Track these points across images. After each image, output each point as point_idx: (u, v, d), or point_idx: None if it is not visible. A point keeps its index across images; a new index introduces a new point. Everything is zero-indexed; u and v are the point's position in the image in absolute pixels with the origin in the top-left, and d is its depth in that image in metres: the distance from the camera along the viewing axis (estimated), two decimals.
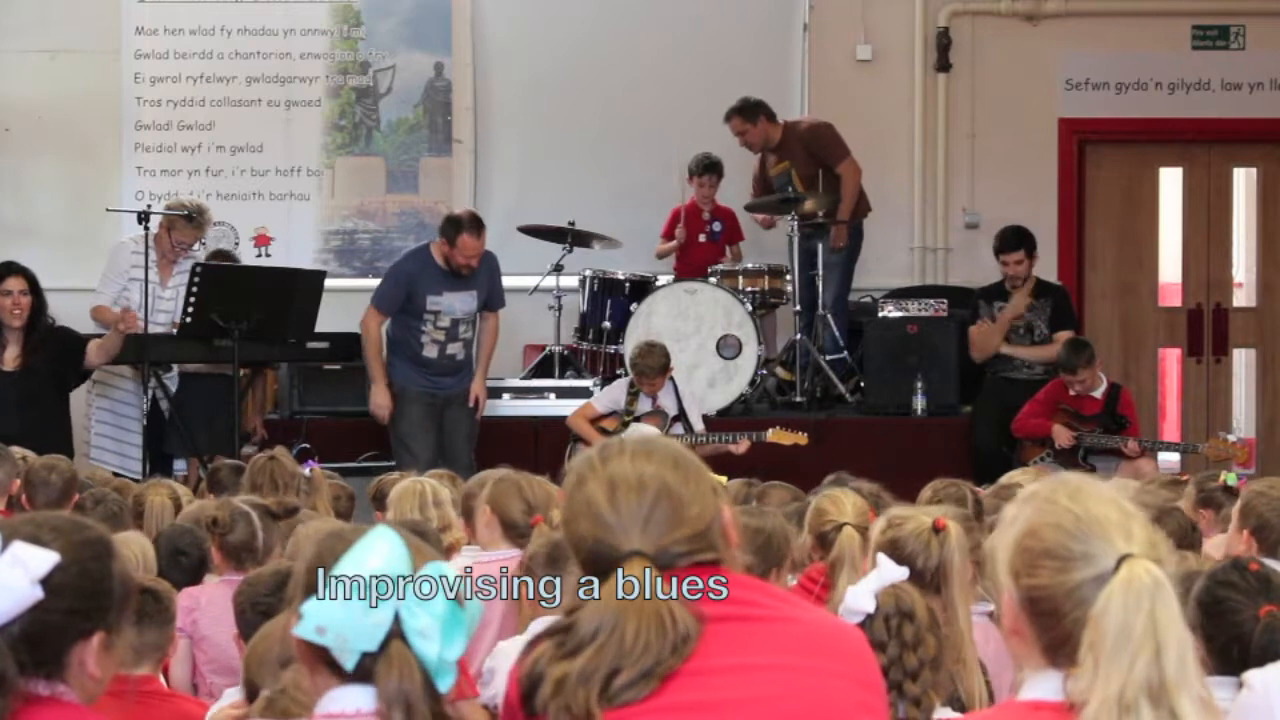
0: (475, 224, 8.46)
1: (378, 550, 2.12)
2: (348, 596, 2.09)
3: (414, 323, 8.56)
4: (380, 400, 8.56)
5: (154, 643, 3.55)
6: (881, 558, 2.86)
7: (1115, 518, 2.08)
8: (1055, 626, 2.06)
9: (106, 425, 8.71)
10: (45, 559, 2.16)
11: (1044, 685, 2.09)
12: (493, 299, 8.71)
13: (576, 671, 2.18)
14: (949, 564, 3.20)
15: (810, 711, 2.25)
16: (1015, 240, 9.36)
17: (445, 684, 2.11)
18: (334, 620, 2.09)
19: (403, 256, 8.98)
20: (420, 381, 8.59)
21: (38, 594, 2.14)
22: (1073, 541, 2.06)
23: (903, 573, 2.80)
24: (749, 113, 9.80)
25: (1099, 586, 2.02)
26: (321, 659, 2.15)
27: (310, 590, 2.14)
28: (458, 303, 8.55)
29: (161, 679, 3.67)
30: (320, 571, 2.14)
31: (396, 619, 2.09)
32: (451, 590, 2.11)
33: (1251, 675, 3.02)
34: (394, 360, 8.66)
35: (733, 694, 2.22)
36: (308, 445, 8.14)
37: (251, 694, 3.11)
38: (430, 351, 8.58)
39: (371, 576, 2.09)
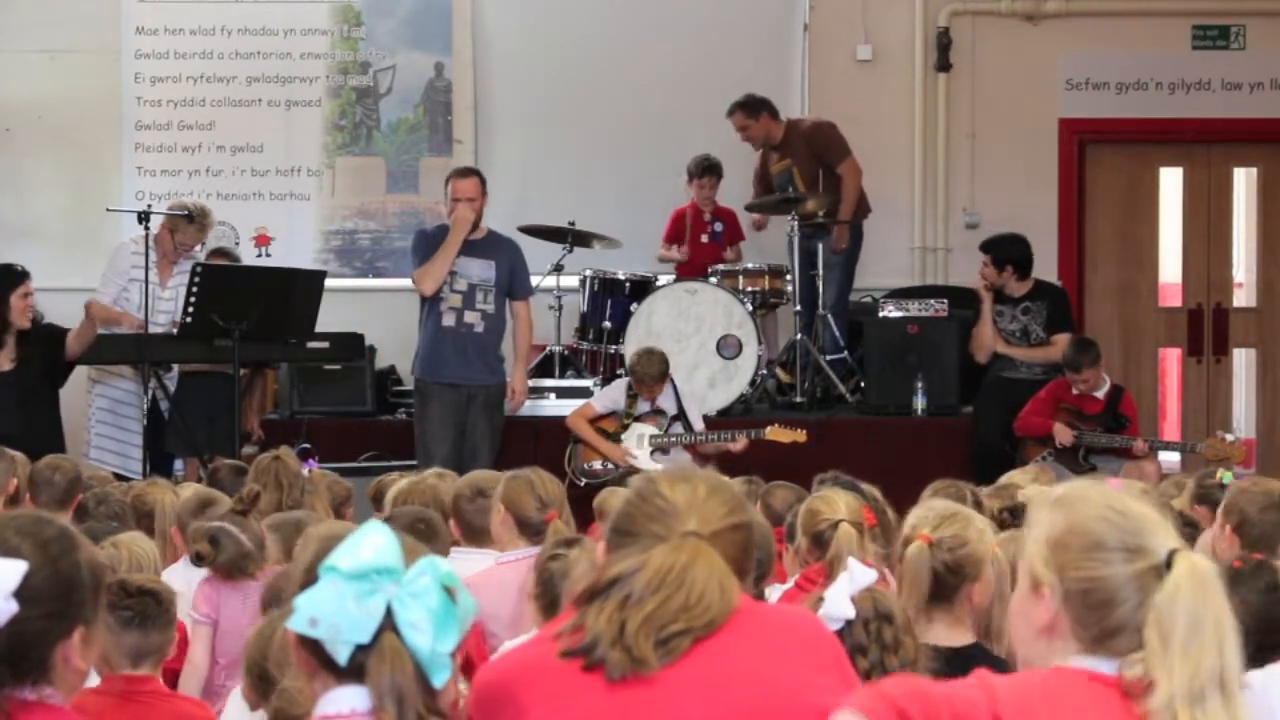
0: (463, 168, 8.79)
1: (369, 543, 2.12)
2: (340, 588, 2.09)
3: (434, 294, 8.53)
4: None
5: (156, 644, 3.56)
6: (851, 561, 2.86)
7: (1155, 515, 2.19)
8: (1107, 617, 2.13)
9: (106, 425, 8.71)
10: (14, 570, 2.13)
11: (1099, 663, 2.15)
12: (517, 285, 8.65)
13: (643, 617, 2.29)
14: None
15: (769, 703, 2.32)
16: (986, 245, 9.47)
17: (440, 679, 2.12)
18: (326, 612, 2.10)
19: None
20: (442, 373, 8.54)
21: (13, 608, 2.12)
22: (1126, 535, 2.15)
23: (872, 575, 2.80)
24: (751, 109, 9.81)
25: (1153, 577, 2.10)
26: (318, 661, 2.15)
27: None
28: (474, 268, 8.52)
29: (160, 679, 3.67)
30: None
31: (389, 612, 2.09)
32: (444, 584, 2.12)
33: (1251, 675, 3.03)
34: (420, 348, 8.63)
35: (700, 702, 2.30)
36: (308, 445, 8.13)
37: (255, 687, 3.12)
38: (448, 320, 8.51)
39: (363, 569, 2.09)
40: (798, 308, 9.49)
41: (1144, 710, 2.07)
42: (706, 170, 10.02)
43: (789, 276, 9.53)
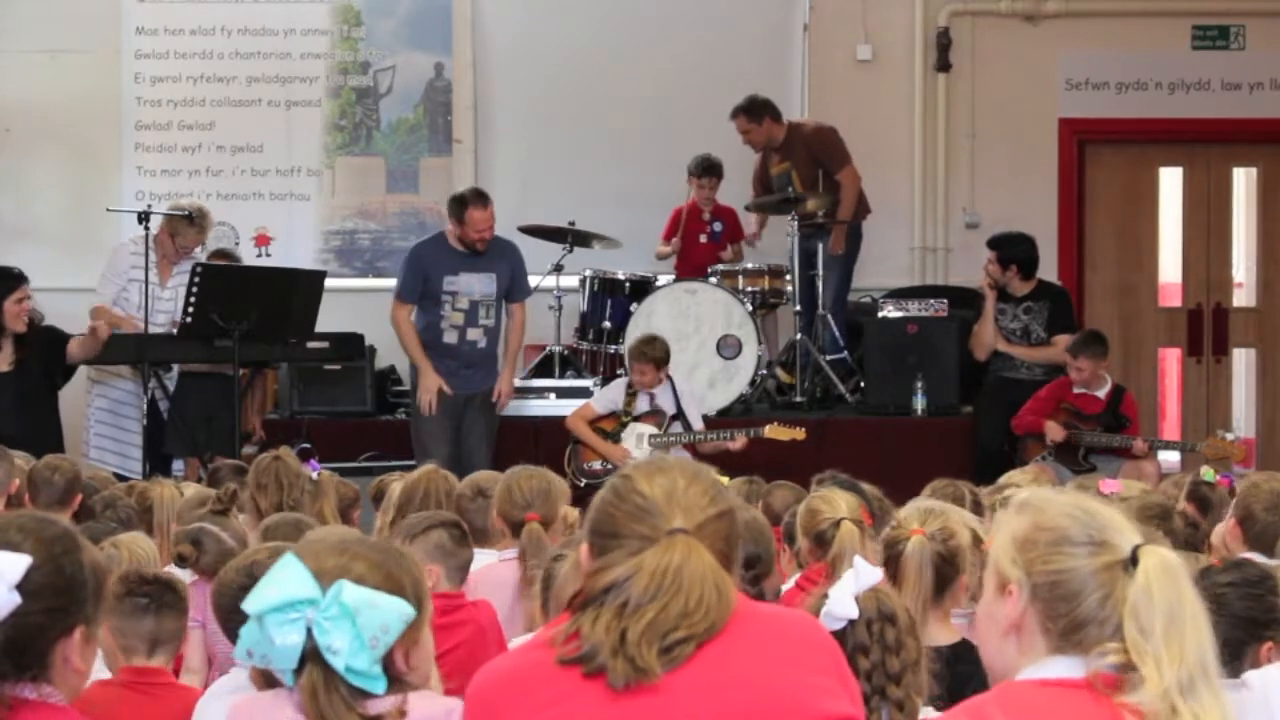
0: (480, 196, 8.55)
1: (277, 583, 2.30)
2: (261, 625, 2.29)
3: (433, 309, 8.51)
4: (430, 384, 8.43)
5: (171, 632, 3.60)
6: (858, 560, 2.86)
7: (1118, 516, 2.23)
8: (1074, 610, 2.16)
9: (106, 425, 8.72)
10: (18, 563, 2.16)
11: (1054, 666, 2.17)
12: (515, 289, 8.66)
13: (645, 625, 2.27)
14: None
15: (769, 707, 2.31)
16: (993, 241, 9.47)
17: (376, 687, 2.30)
18: (256, 644, 2.30)
19: (413, 245, 8.96)
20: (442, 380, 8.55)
21: (15, 600, 2.15)
22: (1091, 530, 2.19)
23: (878, 574, 2.81)
24: (754, 112, 9.81)
25: (1118, 571, 2.14)
26: None
27: None
28: (476, 284, 8.51)
29: (171, 672, 3.69)
30: None
31: (311, 637, 2.27)
32: (353, 605, 2.28)
33: (1250, 675, 3.04)
34: (410, 358, 8.62)
35: (703, 707, 2.30)
36: (309, 445, 8.13)
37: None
38: (450, 337, 8.53)
39: (272, 607, 2.28)
40: (798, 308, 9.50)
41: (1123, 700, 2.10)
42: (706, 170, 10.02)
43: (789, 276, 9.53)
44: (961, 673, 3.11)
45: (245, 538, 4.35)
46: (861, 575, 2.76)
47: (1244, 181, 11.26)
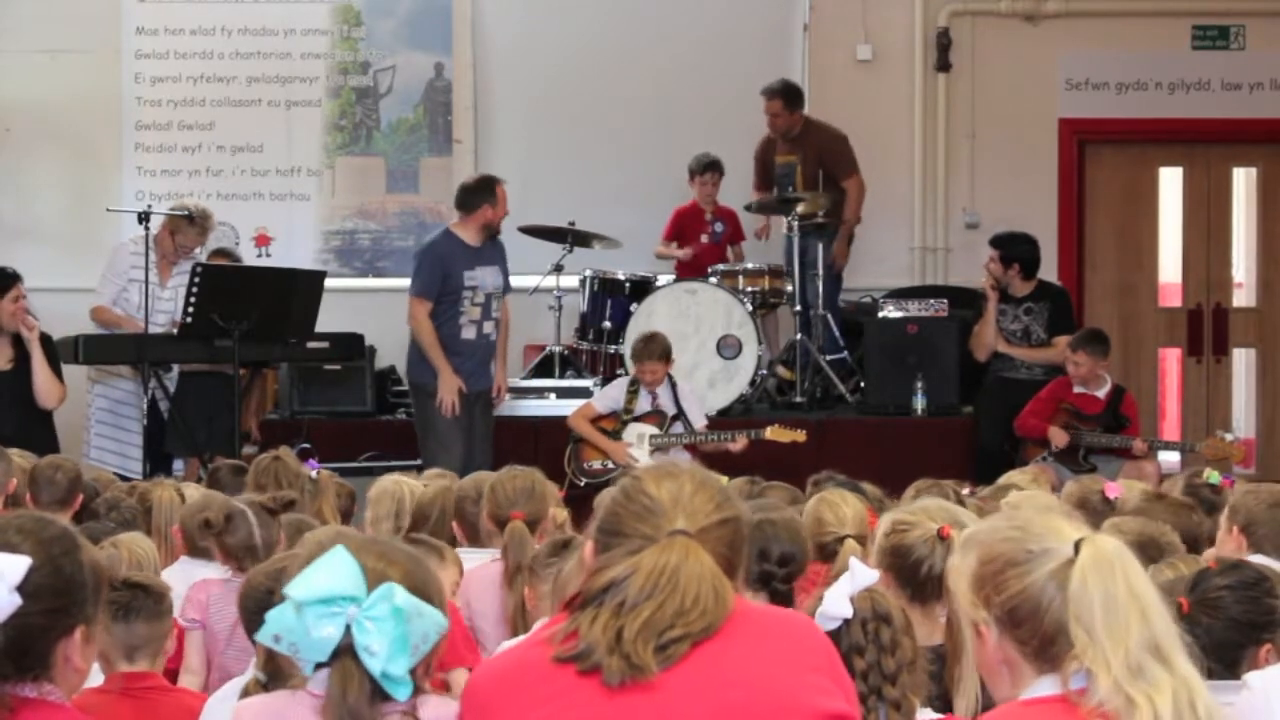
0: (498, 178, 8.66)
1: (327, 569, 2.27)
2: (298, 612, 2.25)
3: (452, 305, 8.47)
4: (451, 385, 8.36)
5: (144, 637, 3.56)
6: (853, 560, 2.86)
7: (1056, 519, 2.24)
8: (1040, 626, 2.16)
9: (106, 425, 8.71)
10: (18, 564, 2.17)
11: (1040, 686, 2.18)
12: (508, 283, 8.68)
13: (641, 623, 2.28)
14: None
15: (764, 705, 2.32)
16: (996, 240, 9.47)
17: (402, 693, 2.27)
18: (288, 630, 2.26)
19: (427, 243, 8.85)
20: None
21: (16, 601, 2.16)
22: (1028, 543, 2.19)
23: (874, 575, 2.80)
24: (792, 101, 9.86)
25: (1068, 571, 2.13)
26: None
27: None
28: (488, 277, 8.52)
29: (161, 675, 3.68)
30: None
31: (349, 633, 2.24)
32: (402, 608, 2.26)
33: (1252, 676, 3.04)
34: (430, 359, 8.54)
35: (697, 706, 2.30)
36: (308, 445, 8.13)
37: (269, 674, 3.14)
38: (469, 332, 8.51)
39: (317, 597, 2.24)
40: (798, 308, 9.50)
41: (1091, 705, 2.10)
42: (708, 168, 10.03)
43: (789, 276, 9.54)
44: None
45: (276, 545, 4.35)
46: (857, 576, 2.76)
47: (1244, 181, 11.26)
